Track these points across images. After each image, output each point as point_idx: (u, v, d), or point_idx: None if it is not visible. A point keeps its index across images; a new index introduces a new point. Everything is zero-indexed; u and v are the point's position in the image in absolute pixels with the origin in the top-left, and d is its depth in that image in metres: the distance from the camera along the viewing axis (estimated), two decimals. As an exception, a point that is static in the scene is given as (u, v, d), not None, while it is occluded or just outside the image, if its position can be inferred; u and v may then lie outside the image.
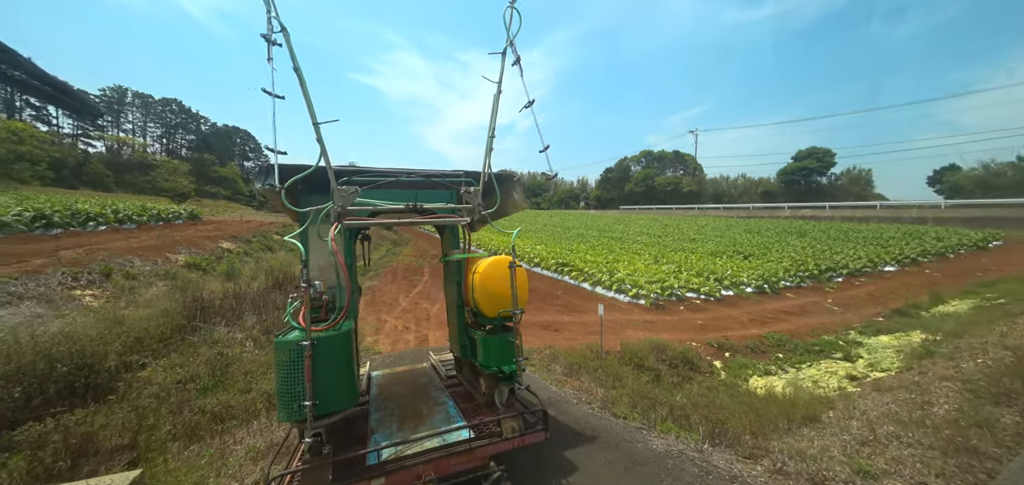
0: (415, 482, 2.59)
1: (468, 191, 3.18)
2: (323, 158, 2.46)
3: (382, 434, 3.03)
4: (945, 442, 2.84)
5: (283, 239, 3.59)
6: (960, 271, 16.59)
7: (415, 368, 4.89)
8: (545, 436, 3.03)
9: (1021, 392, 3.41)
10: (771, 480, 2.70)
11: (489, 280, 3.03)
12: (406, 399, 3.79)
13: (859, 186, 56.34)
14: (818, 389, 5.56)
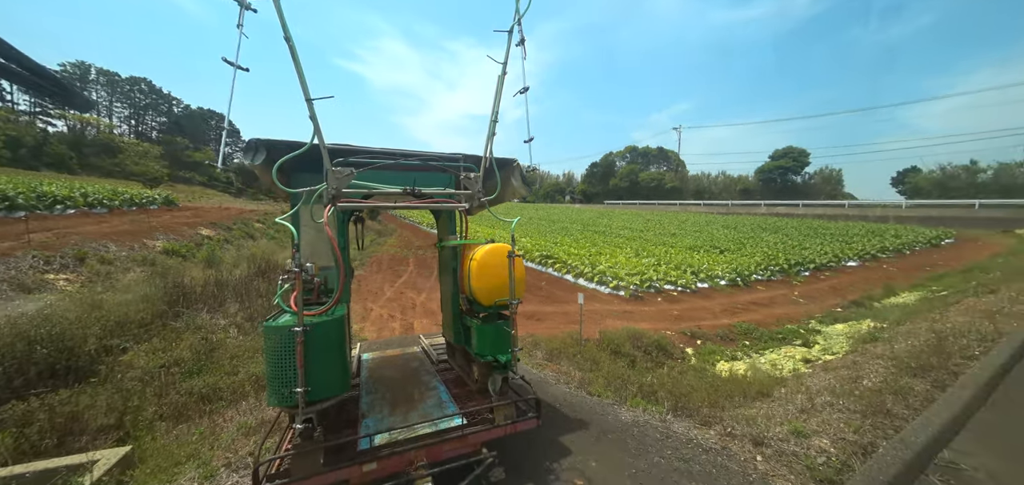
0: (407, 467, 2.58)
1: (468, 177, 3.07)
2: (317, 136, 2.34)
3: (373, 418, 2.99)
4: (866, 406, 3.28)
5: (274, 220, 3.55)
6: (913, 266, 17.79)
7: (406, 352, 4.82)
8: (537, 423, 3.03)
9: (935, 366, 3.92)
10: (721, 441, 3.06)
11: (486, 268, 2.99)
12: (397, 383, 3.74)
13: (830, 185, 58.94)
14: (775, 371, 6.08)
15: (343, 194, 2.56)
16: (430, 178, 3.33)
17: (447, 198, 3.11)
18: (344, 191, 2.56)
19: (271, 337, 2.26)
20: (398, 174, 3.13)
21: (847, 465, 2.67)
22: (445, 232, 3.87)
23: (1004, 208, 30.55)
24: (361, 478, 2.50)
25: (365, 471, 2.50)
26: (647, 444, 3.13)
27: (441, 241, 3.95)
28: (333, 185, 2.50)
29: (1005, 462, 2.85)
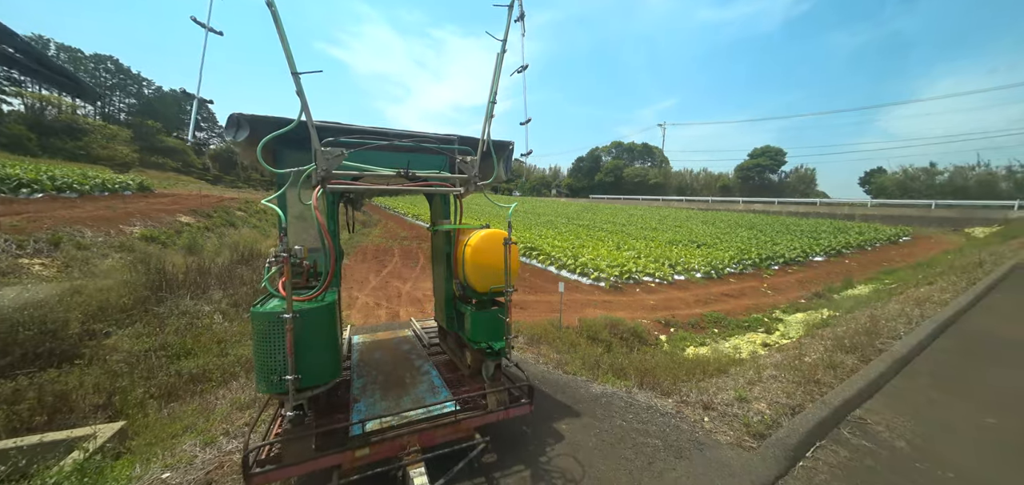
0: (399, 453, 2.56)
1: (465, 161, 2.98)
2: (304, 113, 2.21)
3: (365, 402, 2.96)
4: (802, 377, 3.77)
5: (256, 207, 3.12)
6: (872, 261, 19.00)
7: (397, 335, 4.80)
8: (530, 409, 3.01)
9: (864, 345, 4.49)
10: (676, 407, 3.48)
11: (481, 255, 2.94)
12: (388, 366, 3.70)
13: (805, 184, 61.40)
14: (736, 353, 6.62)
15: (333, 175, 2.45)
16: (424, 160, 3.18)
17: (443, 181, 2.98)
18: (334, 172, 2.45)
19: (259, 323, 2.18)
20: (391, 155, 3.00)
21: (777, 422, 3.13)
22: (438, 216, 3.76)
23: (956, 208, 32.67)
24: (353, 463, 2.47)
25: (357, 456, 2.46)
26: (612, 411, 3.52)
27: (434, 225, 3.83)
28: (322, 166, 2.38)
29: (901, 417, 3.43)
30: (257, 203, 19.42)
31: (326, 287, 2.48)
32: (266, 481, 2.26)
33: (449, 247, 3.49)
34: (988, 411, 3.55)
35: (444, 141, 3.22)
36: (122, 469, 3.00)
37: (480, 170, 3.09)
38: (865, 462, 2.83)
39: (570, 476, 2.73)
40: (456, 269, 3.28)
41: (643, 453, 2.89)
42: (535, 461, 2.94)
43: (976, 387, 4.10)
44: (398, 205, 35.92)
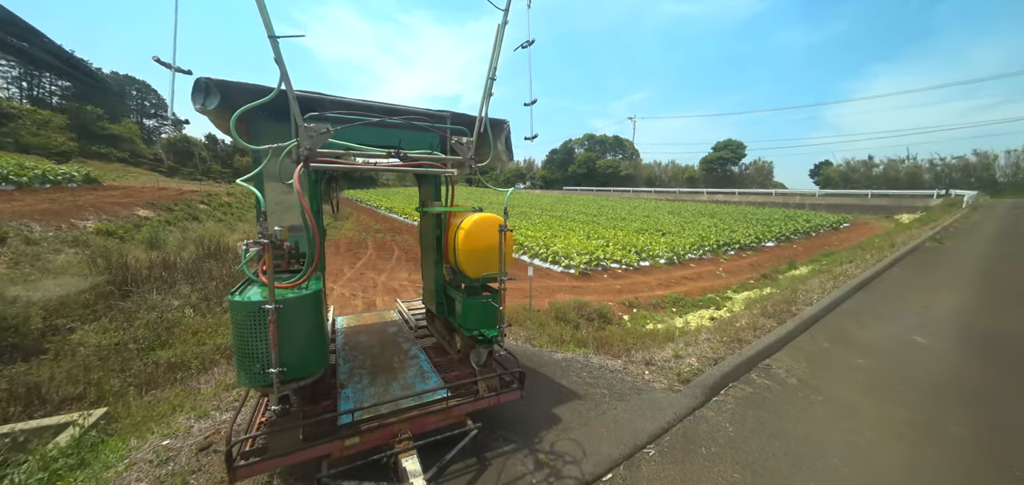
0: (390, 440, 2.50)
1: (460, 142, 2.82)
2: (284, 82, 2.00)
3: (352, 388, 2.88)
4: (729, 338, 4.51)
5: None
6: (816, 246, 20.93)
7: (383, 317, 4.68)
8: (521, 395, 2.99)
9: (783, 311, 5.37)
10: (624, 365, 4.09)
11: (474, 240, 2.86)
12: (376, 350, 3.61)
13: (763, 175, 65.52)
14: (686, 326, 7.43)
15: (317, 154, 2.24)
16: (415, 138, 2.99)
17: (436, 162, 2.80)
18: (318, 151, 2.25)
19: (238, 313, 2.03)
20: (380, 131, 2.82)
21: (701, 370, 3.80)
22: (428, 197, 3.59)
23: (888, 197, 36.24)
24: (342, 452, 2.40)
25: (347, 445, 2.39)
26: (571, 371, 4.07)
27: (423, 206, 3.65)
28: (305, 143, 2.18)
29: (797, 363, 4.29)
30: (220, 196, 18.65)
31: (311, 273, 2.32)
32: (251, 473, 2.18)
33: (439, 231, 3.35)
34: (859, 356, 4.45)
35: (437, 118, 3.04)
36: (116, 445, 3.20)
37: (476, 151, 2.91)
38: (763, 394, 3.58)
39: (532, 422, 3.22)
40: (447, 254, 3.18)
41: (592, 399, 3.46)
42: (499, 411, 3.21)
43: (854, 339, 5.06)
44: (370, 198, 35.29)
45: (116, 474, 2.57)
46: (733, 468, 2.68)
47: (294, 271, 2.46)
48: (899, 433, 3.11)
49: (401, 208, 27.07)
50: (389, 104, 2.90)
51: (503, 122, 3.37)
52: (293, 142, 2.24)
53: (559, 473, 2.63)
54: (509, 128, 3.42)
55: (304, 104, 2.38)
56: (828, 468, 2.70)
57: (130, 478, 2.51)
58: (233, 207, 17.94)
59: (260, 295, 2.12)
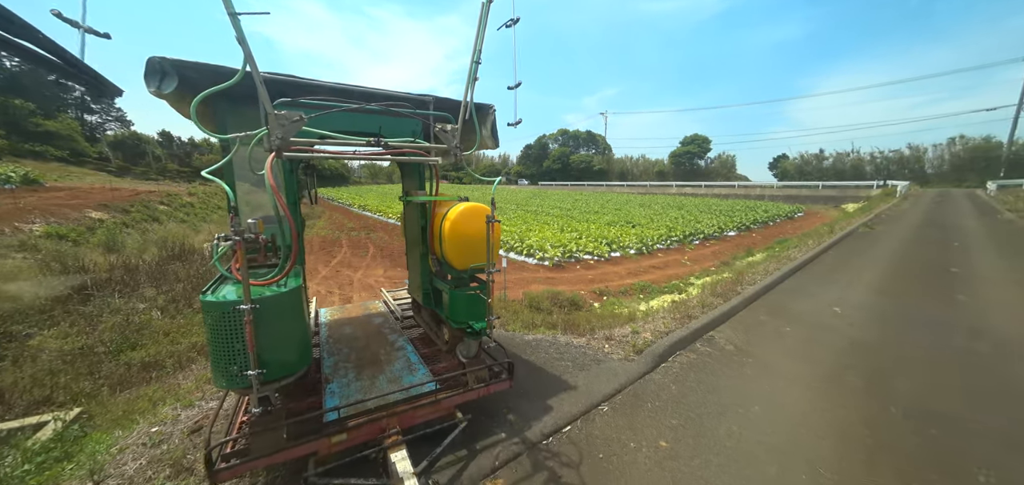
0: (379, 435, 2.45)
1: (445, 129, 2.71)
2: (249, 64, 1.83)
3: (338, 383, 2.81)
4: (681, 315, 5.12)
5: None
6: (772, 234, 22.52)
7: (368, 309, 4.60)
8: (510, 385, 2.98)
9: (729, 291, 6.04)
10: (587, 342, 4.55)
11: (460, 231, 2.80)
12: (361, 342, 3.54)
13: (726, 168, 69.05)
14: (649, 309, 8.06)
15: (291, 143, 2.10)
16: (396, 124, 2.88)
17: (419, 150, 2.70)
18: (291, 139, 2.10)
19: (212, 313, 1.94)
20: (358, 117, 2.69)
21: (653, 341, 4.32)
22: (412, 186, 3.49)
23: (836, 188, 39.30)
24: (329, 449, 2.33)
25: (334, 442, 2.33)
26: (540, 349, 4.48)
27: (407, 195, 3.53)
28: (277, 132, 2.02)
29: (737, 333, 4.94)
30: (181, 196, 17.79)
31: (289, 269, 2.22)
32: (233, 475, 2.09)
33: (424, 221, 3.28)
34: (787, 325, 5.16)
35: (419, 104, 2.93)
36: (101, 437, 3.28)
37: (462, 140, 2.80)
38: (705, 360, 4.14)
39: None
40: (432, 244, 3.12)
41: (557, 369, 3.88)
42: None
43: (787, 312, 5.81)
44: (342, 196, 34.43)
45: (111, 456, 2.71)
46: (672, 417, 3.17)
47: (271, 266, 2.36)
48: (807, 384, 3.74)
49: (375, 206, 26.68)
50: (368, 88, 2.77)
51: (489, 107, 3.24)
52: (263, 130, 2.07)
53: (526, 427, 3.00)
54: (495, 113, 3.28)
55: (274, 88, 2.27)
56: (749, 413, 3.25)
57: (125, 459, 2.66)
58: (196, 207, 17.19)
59: (235, 294, 2.00)
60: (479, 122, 3.07)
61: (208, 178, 2.13)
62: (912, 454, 2.78)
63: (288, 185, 2.61)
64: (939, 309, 5.79)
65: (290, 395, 2.66)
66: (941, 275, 7.77)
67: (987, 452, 2.82)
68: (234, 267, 2.10)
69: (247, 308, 1.88)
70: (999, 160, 44.84)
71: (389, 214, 22.80)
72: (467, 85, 2.63)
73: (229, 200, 2.11)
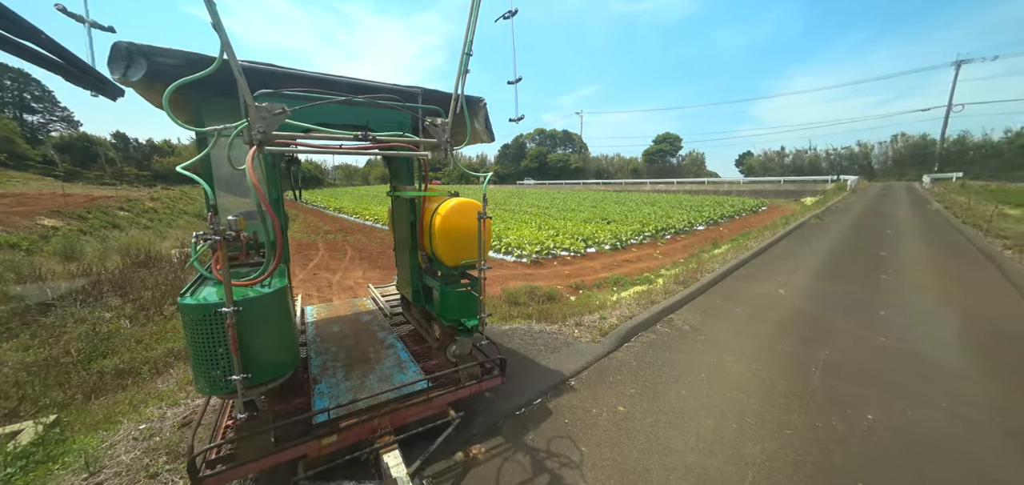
0: (370, 436, 2.41)
1: (434, 124, 2.64)
2: (226, 52, 1.70)
3: (327, 383, 2.75)
4: (644, 301, 5.59)
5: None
6: (738, 227, 23.84)
7: (355, 306, 4.52)
8: (502, 381, 2.97)
9: (690, 279, 6.60)
10: (558, 328, 4.92)
11: (452, 226, 2.76)
12: (349, 340, 3.48)
13: (697, 166, 72.06)
14: (619, 298, 8.58)
15: (273, 136, 1.98)
16: (384, 117, 2.79)
17: (409, 144, 2.61)
18: (274, 133, 1.98)
19: (191, 316, 1.85)
20: (344, 109, 2.60)
21: (618, 325, 4.76)
22: (400, 180, 3.40)
23: (796, 183, 41.92)
24: (320, 452, 2.28)
25: (324, 444, 2.28)
26: (515, 336, 4.81)
27: (394, 189, 3.46)
28: (259, 126, 1.91)
29: (694, 315, 5.48)
30: (143, 201, 16.95)
31: (274, 269, 2.12)
32: (219, 483, 2.01)
33: (413, 216, 3.22)
34: (738, 307, 5.76)
35: (408, 96, 2.87)
36: (84, 440, 3.32)
37: (453, 134, 2.74)
38: (663, 339, 4.63)
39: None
40: (422, 240, 3.06)
41: (531, 353, 4.23)
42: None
43: (739, 295, 6.44)
44: (317, 198, 33.57)
45: (102, 452, 2.82)
46: (631, 387, 3.59)
47: (255, 265, 2.30)
48: (748, 354, 4.28)
49: (351, 208, 26.26)
50: (354, 79, 2.66)
51: (480, 100, 3.18)
52: (243, 122, 1.94)
53: (502, 401, 3.31)
54: (487, 106, 3.22)
55: (254, 78, 2.16)
56: (696, 380, 3.73)
57: (118, 452, 2.77)
58: (160, 213, 16.44)
59: (216, 296, 1.91)
60: (470, 115, 2.98)
61: (184, 174, 1.97)
62: (819, 402, 3.36)
63: (271, 179, 2.52)
64: (865, 288, 6.60)
65: (277, 397, 2.60)
66: (872, 259, 8.73)
67: (877, 397, 3.46)
68: (215, 267, 2.01)
69: (230, 311, 1.79)
70: (933, 156, 49.25)
71: (366, 216, 22.52)
72: (458, 77, 2.52)
73: (207, 197, 2.01)
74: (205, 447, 2.09)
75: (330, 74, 2.62)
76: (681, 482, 2.47)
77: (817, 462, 2.62)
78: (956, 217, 14.97)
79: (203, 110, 2.33)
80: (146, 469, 2.52)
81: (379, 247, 14.03)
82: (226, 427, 2.35)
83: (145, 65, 2.00)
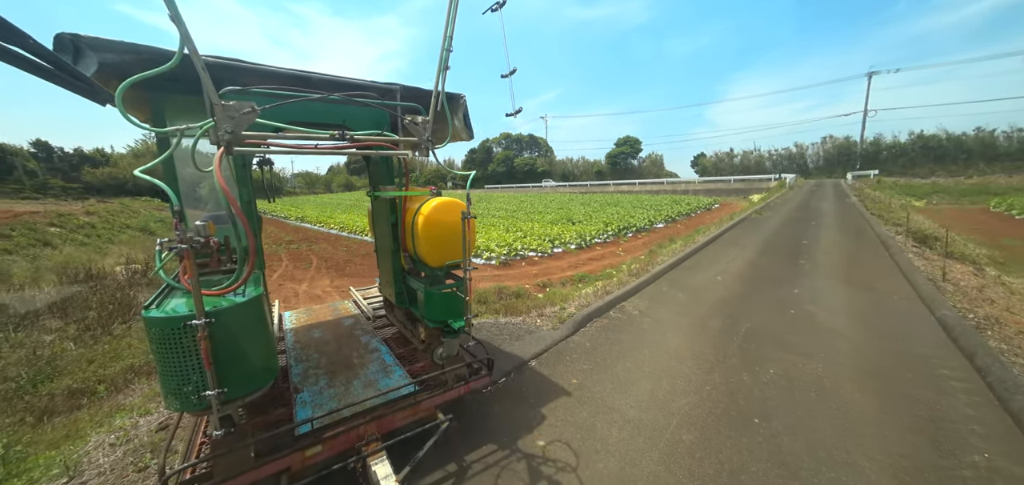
0: (356, 443, 2.34)
1: (415, 122, 2.57)
2: (186, 45, 1.58)
3: (309, 392, 2.66)
4: (601, 292, 6.21)
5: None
6: (693, 224, 25.54)
7: (337, 310, 4.42)
8: (489, 380, 2.96)
9: (643, 271, 7.34)
10: (523, 320, 5.37)
11: (435, 227, 2.71)
12: (331, 345, 3.39)
13: (656, 167, 76.03)
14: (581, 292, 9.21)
15: (242, 137, 1.85)
16: (361, 114, 2.71)
17: (388, 143, 2.54)
18: (243, 133, 1.85)
19: (158, 330, 1.74)
20: (318, 107, 2.50)
21: (575, 313, 5.30)
22: (380, 179, 3.30)
23: (744, 182, 45.58)
24: (303, 463, 2.19)
25: (308, 455, 2.19)
26: (483, 328, 5.19)
27: (375, 189, 3.37)
28: (226, 126, 1.78)
29: (643, 302, 6.17)
30: (77, 216, 15.58)
31: (247, 276, 2.01)
32: None
33: (394, 216, 3.16)
34: (682, 293, 6.54)
35: (386, 93, 2.79)
36: (49, 455, 3.28)
37: (433, 132, 2.67)
38: (615, 323, 5.23)
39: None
40: (405, 240, 3.01)
41: (497, 341, 4.65)
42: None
43: (683, 282, 7.27)
44: (276, 208, 32.03)
45: (84, 455, 2.86)
46: (584, 363, 4.12)
47: (227, 272, 2.17)
48: (684, 331, 4.97)
49: (314, 217, 25.42)
50: (330, 76, 2.55)
51: (460, 96, 3.13)
52: (209, 122, 1.81)
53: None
54: (466, 102, 3.16)
55: (219, 75, 2.04)
56: (641, 354, 4.32)
57: (96, 457, 2.84)
58: (98, 228, 15.19)
59: (186, 307, 1.82)
60: (451, 112, 2.88)
61: (142, 176, 1.82)
62: (735, 364, 4.08)
63: (242, 180, 2.40)
64: (785, 271, 7.67)
65: (257, 408, 2.49)
66: (795, 247, 10.03)
67: (779, 356, 4.25)
68: (183, 277, 1.89)
69: (201, 323, 1.68)
70: (856, 155, 55.45)
71: (330, 225, 21.95)
72: (438, 74, 2.44)
73: (171, 204, 1.90)
74: (177, 468, 1.94)
75: (303, 70, 2.52)
76: (621, 432, 3.00)
77: (726, 407, 3.29)
78: (867, 209, 17.24)
79: (163, 108, 2.18)
80: (133, 465, 2.64)
81: (346, 255, 13.88)
82: (201, 444, 2.24)
83: (96, 60, 1.84)
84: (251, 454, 2.06)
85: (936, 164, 46.30)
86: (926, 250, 8.68)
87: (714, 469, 2.59)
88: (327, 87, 2.53)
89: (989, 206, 21.75)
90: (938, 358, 4.02)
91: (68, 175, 33.41)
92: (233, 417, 2.05)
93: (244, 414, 2.17)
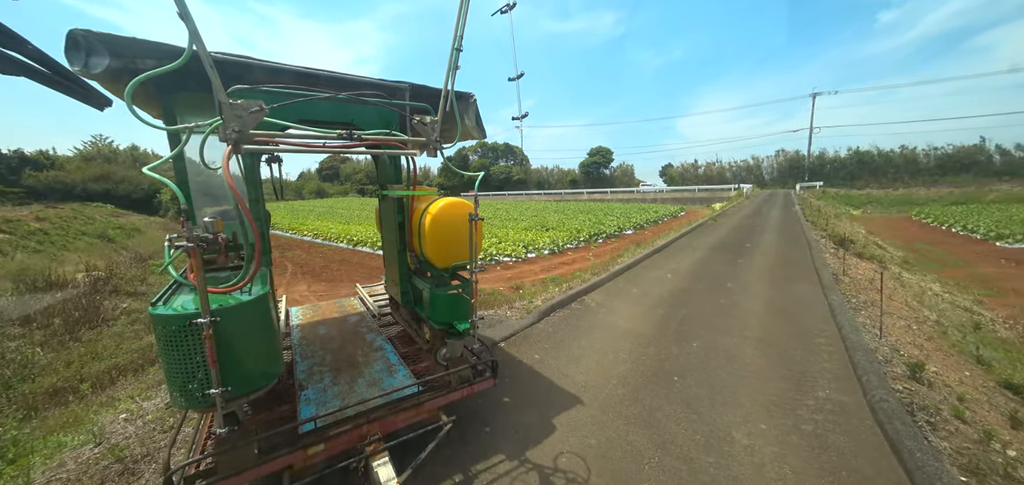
0: (359, 443, 2.34)
1: (423, 122, 2.57)
2: (195, 43, 1.61)
3: (314, 390, 2.66)
4: (565, 289, 6.95)
5: (143, 171, 1.92)
6: (660, 230, 26.88)
7: (343, 307, 4.45)
8: (494, 382, 2.93)
9: (603, 269, 8.19)
10: (494, 312, 6.02)
11: (442, 227, 2.72)
12: (336, 343, 3.40)
13: (627, 176, 79.22)
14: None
15: (251, 135, 1.87)
16: (369, 113, 2.71)
17: (397, 143, 2.53)
18: (251, 131, 1.87)
19: (164, 328, 1.75)
20: (328, 106, 2.51)
21: (541, 306, 6.03)
22: (387, 178, 3.29)
23: (708, 191, 48.60)
24: (306, 461, 2.21)
25: (310, 454, 2.20)
26: (460, 322, 5.81)
27: (382, 189, 3.39)
28: (234, 125, 1.81)
29: (602, 295, 6.99)
30: (27, 222, 14.75)
31: (254, 273, 2.02)
32: None
33: (401, 216, 3.16)
34: (636, 288, 7.43)
35: (394, 92, 2.80)
36: (51, 440, 3.51)
37: (442, 132, 2.67)
38: (575, 313, 5.99)
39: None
40: (411, 241, 3.02)
41: (471, 330, 5.27)
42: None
43: (639, 278, 8.19)
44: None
45: (102, 428, 3.17)
46: (545, 344, 4.83)
47: (234, 269, 2.23)
48: (634, 317, 5.80)
49: (287, 223, 24.96)
50: (337, 74, 2.56)
51: (469, 95, 3.13)
52: (217, 120, 1.84)
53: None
54: (476, 101, 3.17)
55: (228, 72, 2.06)
56: (593, 338, 5.08)
57: (115, 429, 3.18)
58: (51, 234, 14.46)
59: (193, 305, 1.83)
60: (461, 112, 2.87)
61: (150, 174, 1.86)
62: (669, 340, 4.91)
63: (250, 177, 2.41)
64: (725, 269, 8.79)
65: (261, 405, 2.52)
66: (738, 249, 11.31)
67: (705, 334, 5.10)
68: (190, 273, 1.90)
69: (207, 321, 1.70)
70: (804, 168, 60.48)
71: (304, 232, 21.73)
72: (448, 74, 2.43)
73: (180, 201, 1.93)
74: (182, 463, 1.99)
75: (312, 68, 2.50)
76: (569, 389, 3.77)
77: (655, 371, 4.11)
78: (805, 217, 19.27)
79: (172, 105, 2.20)
80: (158, 427, 3.02)
81: (321, 262, 14.03)
82: (206, 440, 2.25)
83: (107, 57, 1.85)
84: (255, 451, 2.08)
85: (871, 177, 51.46)
86: (841, 251, 10.14)
87: (637, 410, 3.38)
88: (335, 85, 2.55)
89: (911, 215, 24.74)
90: (819, 330, 5.06)
91: (7, 179, 30.72)
92: (238, 414, 2.04)
93: (249, 411, 2.17)
